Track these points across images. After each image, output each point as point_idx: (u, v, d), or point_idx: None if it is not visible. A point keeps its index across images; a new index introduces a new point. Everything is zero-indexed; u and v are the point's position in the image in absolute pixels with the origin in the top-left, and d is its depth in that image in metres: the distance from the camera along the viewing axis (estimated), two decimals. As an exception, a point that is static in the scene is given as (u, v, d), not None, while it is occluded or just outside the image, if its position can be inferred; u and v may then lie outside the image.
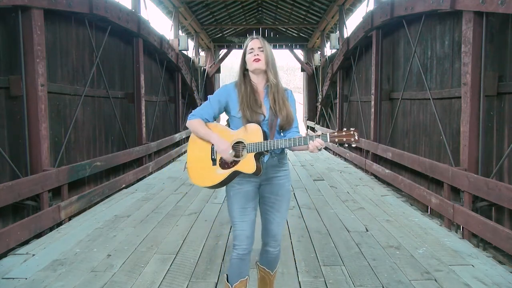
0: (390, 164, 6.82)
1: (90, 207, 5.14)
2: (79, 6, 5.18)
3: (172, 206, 5.16)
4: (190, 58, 14.37)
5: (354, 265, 3.23)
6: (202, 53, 17.10)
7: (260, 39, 2.22)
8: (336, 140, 1.99)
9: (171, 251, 3.55)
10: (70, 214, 4.65)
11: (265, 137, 2.10)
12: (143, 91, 7.71)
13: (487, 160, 4.27)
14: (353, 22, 22.82)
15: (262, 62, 2.17)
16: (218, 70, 18.42)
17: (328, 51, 14.55)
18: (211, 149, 2.18)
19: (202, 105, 2.24)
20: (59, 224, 4.39)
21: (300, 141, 2.02)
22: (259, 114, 2.15)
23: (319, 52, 16.35)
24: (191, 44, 14.82)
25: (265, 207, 2.26)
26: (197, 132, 2.20)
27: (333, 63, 11.42)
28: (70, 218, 4.64)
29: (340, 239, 3.85)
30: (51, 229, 4.23)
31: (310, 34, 17.54)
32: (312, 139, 2.01)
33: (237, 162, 2.12)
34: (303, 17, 15.69)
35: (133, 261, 3.33)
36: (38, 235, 4.02)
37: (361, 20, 8.23)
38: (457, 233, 4.24)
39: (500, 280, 2.94)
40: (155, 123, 9.05)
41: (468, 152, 4.30)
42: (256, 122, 2.13)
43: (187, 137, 11.65)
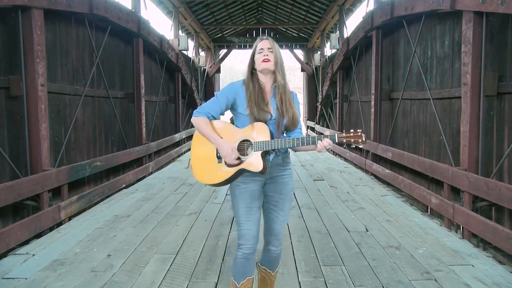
0: (390, 164, 6.82)
1: (90, 207, 5.14)
2: (79, 6, 5.18)
3: (172, 206, 5.16)
4: (190, 58, 14.37)
5: (354, 265, 3.23)
6: (202, 53, 17.10)
7: (270, 40, 2.22)
8: (344, 141, 2.02)
9: (171, 251, 3.55)
10: (70, 214, 4.65)
11: (272, 137, 2.12)
12: (143, 91, 7.71)
13: (487, 160, 4.27)
14: (353, 22, 22.82)
15: (271, 63, 2.18)
16: (218, 70, 18.43)
17: (328, 51, 14.56)
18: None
19: (209, 101, 2.23)
20: (59, 224, 4.39)
21: (309, 141, 2.05)
22: (266, 113, 2.16)
23: (319, 52, 16.36)
24: (191, 44, 14.82)
25: (269, 206, 2.27)
26: (201, 131, 2.19)
27: (333, 63, 11.42)
28: (70, 218, 4.64)
29: (340, 239, 3.85)
30: (51, 229, 4.23)
31: (310, 34, 17.55)
32: (321, 139, 2.03)
33: (243, 160, 2.12)
34: (303, 17, 15.70)
35: (133, 261, 3.33)
36: (38, 235, 4.02)
37: (361, 20, 8.23)
38: (457, 233, 4.24)
39: (500, 280, 2.94)
40: (155, 123, 9.05)
41: (468, 152, 4.30)
42: (263, 121, 2.14)
43: (187, 137, 11.71)
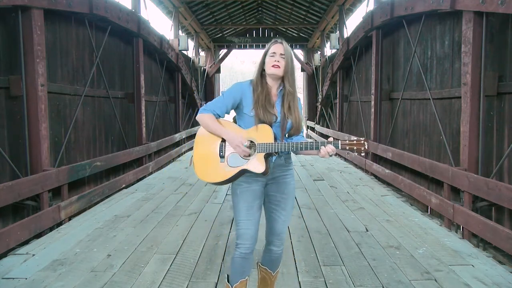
0: (390, 164, 6.82)
1: (90, 207, 5.14)
2: (79, 6, 5.18)
3: (172, 206, 5.16)
4: (190, 58, 14.37)
5: (354, 265, 3.23)
6: (202, 53, 17.10)
7: (284, 45, 2.19)
8: (347, 148, 2.03)
9: (171, 251, 3.55)
10: (70, 214, 4.65)
11: (275, 139, 2.13)
12: (143, 91, 7.71)
13: (487, 160, 4.27)
14: (353, 22, 22.82)
15: (281, 70, 2.17)
16: (218, 70, 18.43)
17: (328, 51, 14.56)
18: (220, 145, 2.18)
19: (215, 100, 2.22)
20: (59, 224, 4.39)
21: (312, 146, 2.07)
22: (272, 115, 2.17)
23: (319, 52, 16.36)
24: (191, 44, 14.82)
25: (271, 206, 2.27)
26: (208, 127, 2.18)
27: (333, 63, 11.42)
28: (70, 218, 4.64)
29: (340, 239, 3.85)
30: (51, 229, 4.23)
31: (310, 34, 17.55)
32: (324, 145, 2.05)
33: (246, 161, 2.13)
34: (303, 17, 15.70)
35: (133, 261, 3.33)
36: (38, 235, 4.02)
37: (361, 20, 8.23)
38: (457, 233, 4.24)
39: (500, 280, 2.94)
40: (155, 123, 9.05)
41: (468, 152, 4.30)
42: (268, 123, 2.14)
43: (187, 137, 11.72)
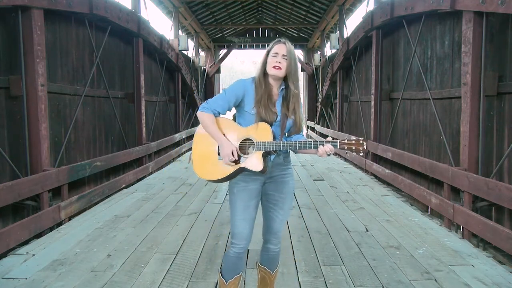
0: (390, 164, 6.82)
1: (90, 207, 5.14)
2: (79, 6, 5.18)
3: (172, 206, 5.16)
4: (190, 58, 14.37)
5: (354, 265, 3.23)
6: (202, 53, 17.09)
7: (287, 46, 2.17)
8: (346, 148, 2.02)
9: (171, 251, 3.55)
10: (70, 214, 4.65)
11: (274, 138, 2.13)
12: (143, 91, 7.71)
13: (487, 160, 4.27)
14: (353, 22, 22.83)
15: (282, 71, 2.16)
16: (218, 70, 18.42)
17: (328, 51, 14.55)
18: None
19: (217, 97, 2.20)
20: (59, 224, 4.39)
21: (310, 145, 2.06)
22: (274, 114, 2.17)
23: (319, 52, 16.36)
24: (191, 44, 14.82)
25: (268, 205, 2.27)
26: (206, 128, 2.18)
27: (333, 63, 11.42)
28: (70, 218, 4.64)
29: (340, 239, 3.85)
30: (51, 229, 4.23)
31: (310, 34, 17.54)
32: (323, 144, 2.04)
33: (244, 159, 2.13)
34: (303, 17, 15.69)
35: (133, 261, 3.33)
36: (38, 235, 4.02)
37: (361, 20, 8.23)
38: (457, 233, 4.24)
39: (500, 280, 2.94)
40: (155, 123, 9.05)
41: (468, 152, 4.30)
42: (269, 121, 2.14)
43: (187, 137, 11.72)
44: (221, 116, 2.21)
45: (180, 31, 12.89)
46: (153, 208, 5.04)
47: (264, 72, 2.21)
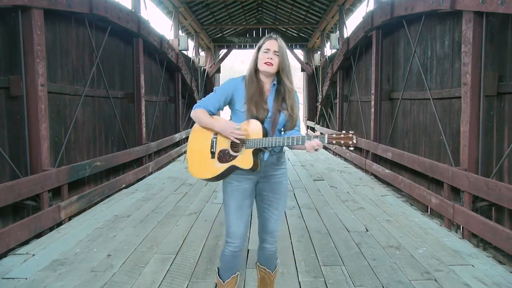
0: (390, 164, 6.82)
1: (90, 207, 5.14)
2: (79, 6, 5.18)
3: (172, 206, 5.16)
4: (190, 58, 14.37)
5: (354, 265, 3.23)
6: (202, 53, 17.10)
7: (279, 41, 2.15)
8: (334, 142, 1.98)
9: (171, 251, 3.55)
10: (70, 214, 4.65)
11: (266, 134, 2.10)
12: (143, 91, 7.71)
13: (487, 160, 4.27)
14: (353, 22, 22.84)
15: (274, 67, 2.15)
16: (218, 70, 18.42)
17: (328, 51, 14.56)
18: (211, 142, 2.18)
19: (208, 96, 2.22)
20: (59, 224, 4.39)
21: (298, 141, 2.02)
22: (265, 111, 2.15)
23: (319, 52, 16.36)
24: (191, 44, 14.82)
25: (263, 205, 2.26)
26: (201, 121, 2.18)
27: (333, 63, 11.42)
28: (70, 218, 4.64)
29: (340, 239, 3.85)
30: (51, 229, 4.23)
31: (310, 34, 17.54)
32: (310, 139, 2.01)
33: (235, 157, 2.11)
34: (303, 17, 15.69)
35: (133, 261, 3.33)
36: (38, 235, 4.02)
37: (361, 20, 8.23)
38: (457, 233, 4.24)
39: (500, 280, 2.94)
40: (155, 123, 9.05)
41: (468, 152, 4.30)
42: (260, 119, 2.13)
43: (187, 137, 11.70)
44: (215, 116, 2.22)
45: (180, 31, 12.89)
46: (153, 208, 5.04)
47: (256, 69, 2.19)
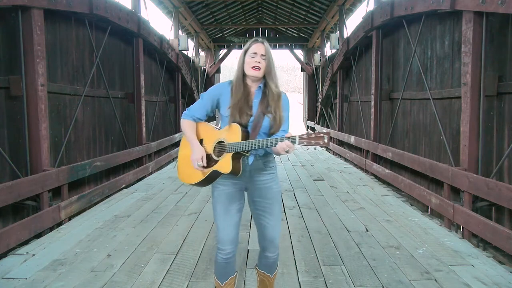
0: (390, 164, 6.82)
1: (90, 207, 5.14)
2: (79, 6, 5.18)
3: (172, 206, 5.16)
4: (190, 58, 14.38)
5: (354, 265, 3.23)
6: (202, 53, 17.10)
7: (265, 45, 2.15)
8: (305, 142, 1.93)
9: (171, 251, 3.55)
10: (70, 214, 4.65)
11: (246, 138, 2.07)
12: (143, 91, 7.71)
13: (487, 160, 4.27)
14: (353, 22, 22.83)
15: (261, 72, 2.14)
16: (218, 70, 18.42)
17: (328, 51, 14.57)
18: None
19: (195, 104, 2.26)
20: (59, 224, 4.39)
21: (272, 142, 1.97)
22: (247, 116, 2.13)
23: (319, 52, 16.36)
24: (191, 44, 14.83)
25: (257, 212, 2.24)
26: (184, 134, 2.26)
27: (333, 63, 11.43)
28: (70, 218, 4.64)
29: (340, 239, 3.85)
30: (51, 229, 4.23)
31: (310, 34, 17.55)
32: (283, 141, 1.94)
33: (217, 162, 2.13)
34: (303, 17, 15.70)
35: (133, 261, 3.33)
36: (38, 235, 4.02)
37: (361, 20, 8.23)
38: (457, 233, 4.24)
39: (500, 280, 2.94)
40: (155, 123, 9.05)
41: (468, 152, 4.30)
42: (243, 123, 2.11)
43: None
44: (202, 122, 2.26)
45: (180, 31, 12.89)
46: (153, 208, 5.05)
47: (243, 74, 2.18)
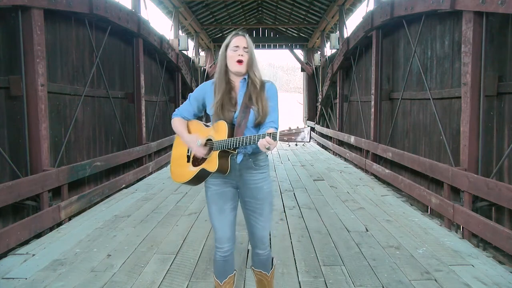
0: (390, 164, 6.82)
1: (90, 207, 5.14)
2: (79, 6, 5.18)
3: (172, 206, 5.16)
4: (190, 58, 14.37)
5: (354, 265, 3.23)
6: (202, 53, 17.09)
7: (246, 38, 2.14)
8: (286, 138, 1.87)
9: (171, 251, 3.55)
10: (70, 214, 4.65)
11: (232, 135, 2.06)
12: (143, 91, 7.71)
13: (487, 160, 4.27)
14: (353, 22, 22.81)
15: (244, 66, 2.12)
16: (218, 70, 18.38)
17: (328, 51, 14.57)
18: (188, 147, 2.23)
19: (183, 104, 2.29)
20: (59, 224, 4.39)
21: (254, 139, 1.92)
22: (231, 112, 2.11)
23: (319, 52, 16.36)
24: (191, 44, 14.82)
25: (248, 212, 2.23)
26: (175, 129, 2.28)
27: (333, 63, 11.43)
28: (70, 218, 4.64)
29: (340, 239, 3.85)
30: (51, 229, 4.23)
31: (310, 34, 17.54)
32: (264, 137, 1.90)
33: (205, 160, 2.13)
34: (303, 17, 15.70)
35: (133, 261, 3.33)
36: (38, 235, 4.02)
37: (361, 20, 8.23)
38: (457, 233, 4.24)
39: (500, 280, 2.94)
40: (155, 123, 9.05)
41: (468, 152, 4.30)
42: (228, 120, 2.09)
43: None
44: (192, 120, 2.28)
45: (180, 31, 12.89)
46: (153, 208, 5.05)
47: (226, 70, 2.15)
